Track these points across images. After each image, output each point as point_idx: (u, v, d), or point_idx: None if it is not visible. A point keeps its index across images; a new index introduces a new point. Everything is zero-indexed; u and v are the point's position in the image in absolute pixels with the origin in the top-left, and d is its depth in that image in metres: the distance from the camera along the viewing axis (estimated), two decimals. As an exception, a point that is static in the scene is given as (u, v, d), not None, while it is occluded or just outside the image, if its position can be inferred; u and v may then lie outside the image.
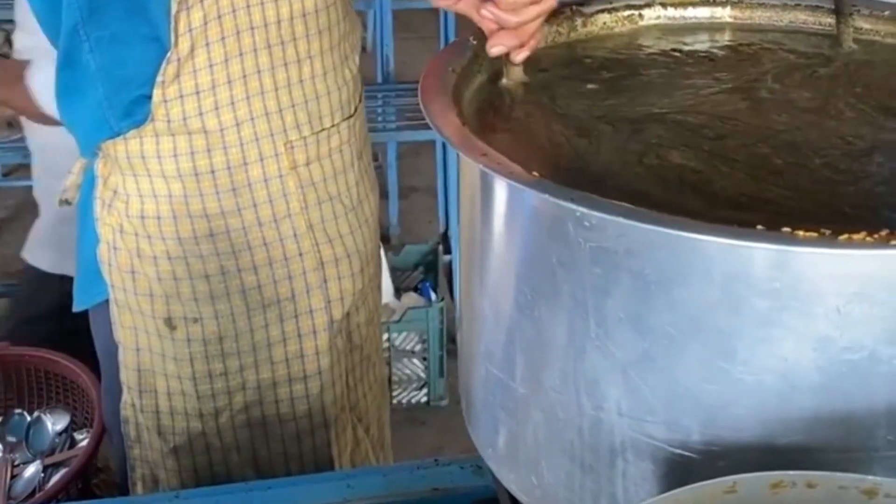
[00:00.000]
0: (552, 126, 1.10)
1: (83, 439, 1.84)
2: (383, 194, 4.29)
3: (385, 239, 4.00)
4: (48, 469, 1.81)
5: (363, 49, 3.41)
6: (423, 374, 3.54)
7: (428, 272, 3.75)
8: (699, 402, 0.91)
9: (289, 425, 1.72)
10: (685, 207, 0.92)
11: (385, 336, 3.24)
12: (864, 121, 1.12)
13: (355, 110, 1.69)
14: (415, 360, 3.51)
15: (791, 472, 0.86)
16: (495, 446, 1.11)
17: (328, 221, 1.66)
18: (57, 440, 1.88)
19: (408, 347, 3.49)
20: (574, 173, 1.01)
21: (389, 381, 3.35)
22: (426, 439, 3.35)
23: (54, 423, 1.89)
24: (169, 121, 1.53)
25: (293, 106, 1.59)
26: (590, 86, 1.19)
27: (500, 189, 1.00)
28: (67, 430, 1.88)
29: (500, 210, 1.02)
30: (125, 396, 1.69)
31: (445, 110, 1.05)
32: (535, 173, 0.92)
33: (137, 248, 1.61)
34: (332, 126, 1.64)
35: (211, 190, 1.58)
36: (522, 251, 1.00)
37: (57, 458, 1.83)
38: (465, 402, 1.18)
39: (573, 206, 0.89)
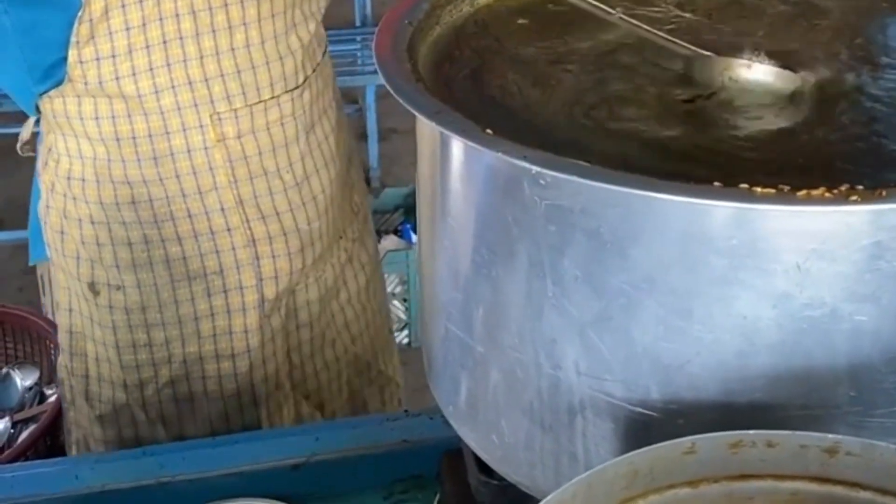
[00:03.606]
0: (508, 78, 1.08)
1: (52, 394, 1.83)
2: (362, 136, 4.28)
3: (366, 181, 3.99)
4: (17, 425, 1.80)
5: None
6: (403, 316, 3.54)
7: (408, 214, 3.74)
8: (657, 361, 0.90)
9: (216, 403, 1.68)
10: (639, 162, 0.90)
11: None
12: (833, 68, 1.09)
13: (304, 81, 1.59)
14: (395, 303, 3.51)
15: (751, 432, 0.86)
16: (456, 405, 1.10)
17: (262, 197, 1.58)
18: (26, 396, 1.87)
19: (389, 290, 3.48)
20: (528, 127, 0.99)
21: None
22: (408, 380, 3.36)
23: (23, 378, 1.88)
24: (86, 83, 1.48)
25: (222, 76, 1.50)
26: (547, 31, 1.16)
27: (454, 147, 0.98)
28: (37, 386, 1.88)
29: (455, 168, 1.00)
30: (60, 357, 1.68)
31: (399, 66, 1.02)
32: (488, 130, 0.90)
33: (65, 208, 1.58)
34: (272, 98, 1.54)
35: (132, 156, 1.52)
36: (478, 209, 0.98)
37: (26, 413, 1.82)
38: (427, 360, 1.16)
39: (528, 165, 0.87)
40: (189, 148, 1.52)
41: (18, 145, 1.68)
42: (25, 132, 1.66)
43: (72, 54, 1.45)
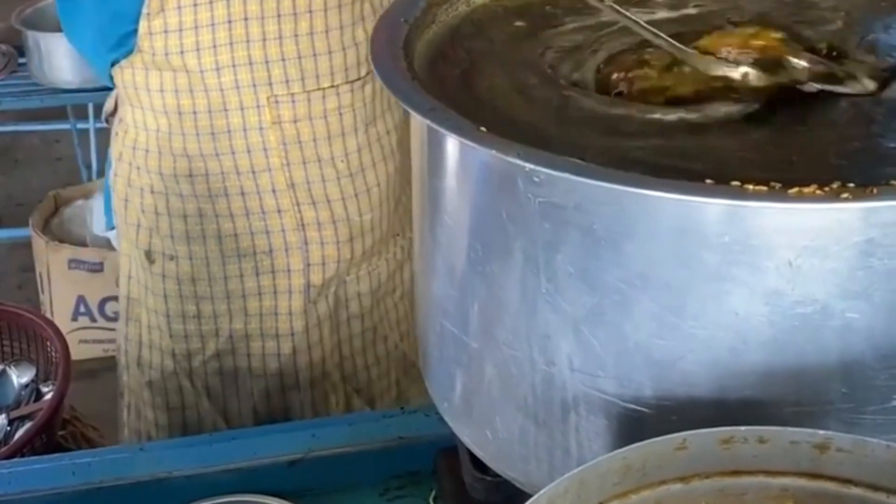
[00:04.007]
0: (503, 77, 1.08)
1: (49, 392, 1.83)
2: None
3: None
4: (14, 422, 1.81)
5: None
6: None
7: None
8: (650, 358, 0.91)
9: (259, 381, 1.71)
10: (632, 161, 0.91)
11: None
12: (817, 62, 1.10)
13: (366, 74, 1.62)
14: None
15: (742, 428, 0.86)
16: (451, 400, 1.10)
17: (314, 183, 1.62)
18: (23, 393, 1.87)
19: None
20: (523, 126, 0.99)
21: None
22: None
23: (19, 376, 1.89)
24: (154, 54, 1.53)
25: (283, 60, 1.54)
26: (549, 31, 1.17)
27: (449, 144, 0.99)
28: (33, 383, 1.88)
29: (449, 165, 1.00)
30: (119, 323, 1.75)
31: (394, 64, 1.02)
32: (482, 128, 0.91)
33: (129, 177, 1.65)
34: (331, 87, 1.58)
35: (192, 130, 1.57)
36: (473, 207, 0.99)
37: (22, 411, 1.83)
38: (422, 356, 1.17)
39: (521, 162, 0.87)
40: (245, 127, 1.57)
41: (103, 116, 1.78)
42: (109, 104, 1.75)
43: (142, 25, 1.51)
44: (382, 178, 1.69)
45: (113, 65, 1.60)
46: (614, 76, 1.07)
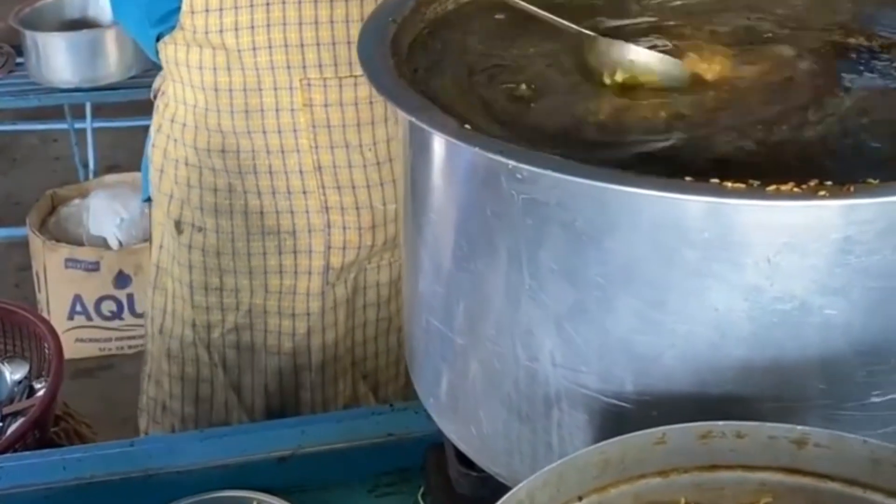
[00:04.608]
0: (489, 76, 1.09)
1: (41, 388, 1.84)
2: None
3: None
4: (7, 418, 1.81)
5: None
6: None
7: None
8: (631, 353, 0.92)
9: (273, 358, 1.75)
10: (616, 159, 0.92)
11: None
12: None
13: None
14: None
15: (720, 423, 0.87)
16: (437, 396, 1.11)
17: (340, 168, 1.65)
18: (15, 390, 1.88)
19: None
20: (511, 125, 1.00)
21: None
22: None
23: (13, 372, 1.89)
24: (195, 32, 1.58)
25: (317, 45, 1.57)
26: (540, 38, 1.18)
27: (435, 142, 1.00)
28: (26, 380, 1.89)
29: (435, 163, 1.02)
30: (148, 291, 1.80)
31: (382, 62, 1.04)
32: (466, 126, 0.92)
33: (166, 148, 1.70)
34: (363, 75, 1.60)
35: (227, 107, 1.62)
36: (458, 204, 1.00)
37: (15, 407, 1.83)
38: (409, 352, 1.18)
39: (504, 160, 0.88)
40: (277, 107, 1.60)
41: (151, 93, 1.80)
42: (157, 82, 1.78)
43: (185, 3, 1.56)
44: None
45: (158, 40, 1.64)
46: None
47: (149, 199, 1.81)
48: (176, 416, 1.82)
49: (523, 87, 1.06)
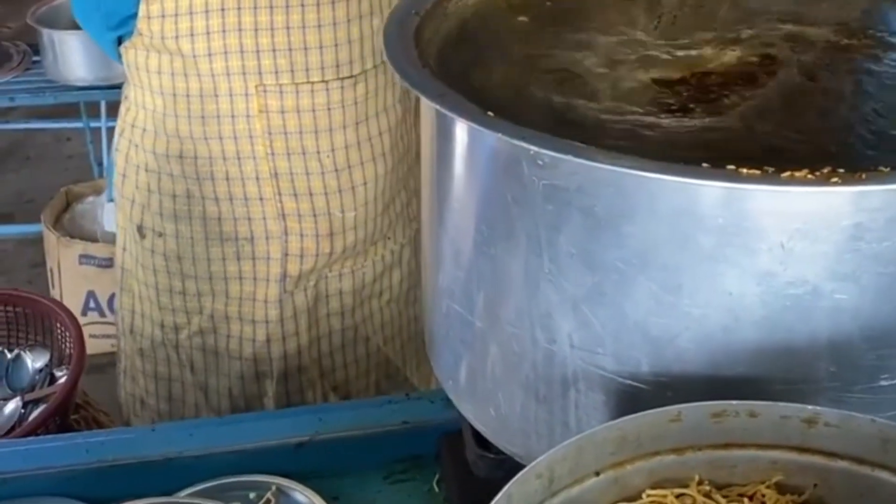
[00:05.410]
0: (512, 67, 1.12)
1: (62, 376, 1.86)
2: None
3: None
4: (28, 405, 1.84)
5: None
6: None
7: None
8: (647, 335, 0.94)
9: (235, 363, 1.75)
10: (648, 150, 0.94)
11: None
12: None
13: (360, 73, 1.62)
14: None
15: (734, 402, 0.90)
16: (456, 379, 1.14)
17: (297, 175, 1.64)
18: (37, 377, 1.90)
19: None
20: (535, 115, 1.03)
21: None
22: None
23: (34, 360, 1.92)
24: (151, 37, 1.57)
25: (273, 51, 1.56)
26: (552, 28, 1.20)
27: (458, 129, 1.02)
28: (47, 368, 1.91)
29: (457, 150, 1.04)
30: (116, 292, 1.83)
31: (405, 52, 1.06)
32: (489, 113, 0.94)
33: (128, 153, 1.70)
34: (321, 82, 1.60)
35: (184, 112, 1.61)
36: (479, 190, 1.03)
37: (36, 394, 1.86)
38: (428, 337, 1.21)
39: (526, 145, 0.91)
40: (233, 113, 1.60)
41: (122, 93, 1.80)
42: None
43: (141, 9, 1.56)
44: (370, 178, 1.70)
45: (120, 43, 1.64)
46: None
47: (112, 200, 1.83)
48: (153, 412, 1.83)
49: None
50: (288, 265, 1.69)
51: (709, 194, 0.89)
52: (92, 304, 3.44)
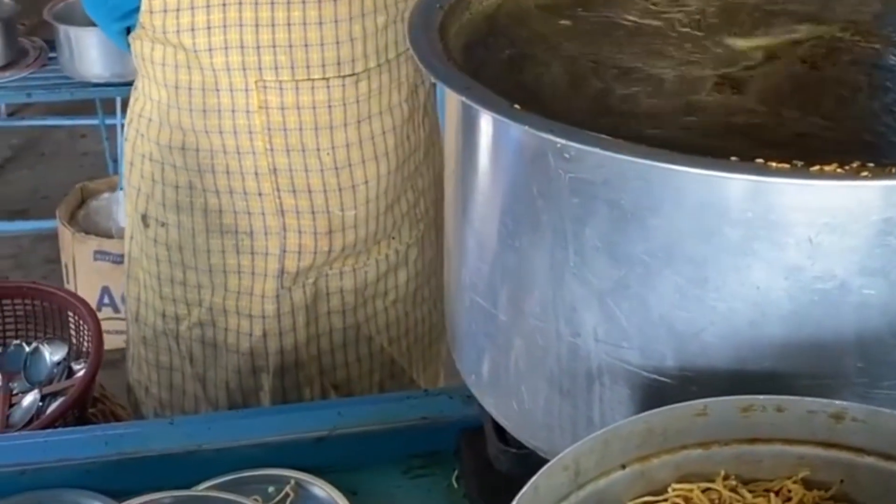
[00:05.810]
0: (537, 61, 1.12)
1: (80, 369, 1.86)
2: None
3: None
4: (46, 398, 1.84)
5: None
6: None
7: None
8: (672, 329, 0.94)
9: (232, 356, 1.75)
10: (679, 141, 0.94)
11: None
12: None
13: (362, 71, 1.61)
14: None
15: (761, 397, 0.90)
16: (479, 373, 1.14)
17: (297, 171, 1.64)
18: (55, 370, 1.91)
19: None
20: (560, 108, 1.02)
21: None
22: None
23: (52, 353, 1.92)
24: (154, 30, 1.58)
25: (273, 47, 1.56)
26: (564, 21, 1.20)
27: (483, 122, 1.02)
28: (65, 361, 1.92)
29: (483, 143, 1.04)
30: (124, 279, 1.83)
31: (431, 45, 1.06)
32: (516, 106, 0.94)
33: (135, 143, 1.71)
34: (321, 79, 1.59)
35: (186, 105, 1.62)
36: (505, 183, 1.02)
37: (54, 387, 1.86)
38: (451, 332, 1.20)
39: (553, 138, 0.91)
40: (233, 108, 1.60)
41: None
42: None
43: (144, 2, 1.56)
44: (372, 177, 1.69)
45: (128, 33, 1.66)
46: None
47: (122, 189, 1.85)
48: (155, 400, 1.83)
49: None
50: (286, 261, 1.69)
51: (736, 187, 0.88)
52: (106, 300, 3.45)
